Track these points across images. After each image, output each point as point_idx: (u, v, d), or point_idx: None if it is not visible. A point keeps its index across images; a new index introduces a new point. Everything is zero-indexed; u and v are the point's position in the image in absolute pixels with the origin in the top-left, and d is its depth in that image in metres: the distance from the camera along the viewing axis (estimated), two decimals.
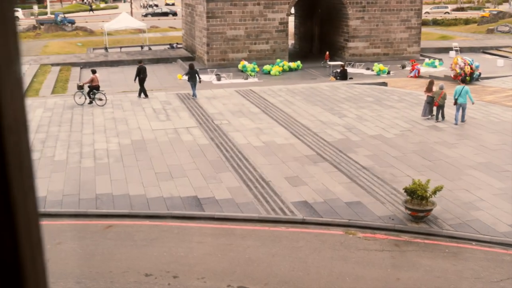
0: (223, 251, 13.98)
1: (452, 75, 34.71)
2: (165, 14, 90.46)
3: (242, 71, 40.55)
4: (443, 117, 25.57)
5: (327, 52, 43.84)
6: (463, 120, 25.21)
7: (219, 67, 41.65)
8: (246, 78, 38.15)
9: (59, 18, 70.59)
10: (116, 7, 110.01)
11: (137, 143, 22.31)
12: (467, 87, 25.62)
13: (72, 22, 70.52)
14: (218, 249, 14.06)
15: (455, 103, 25.08)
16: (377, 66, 40.88)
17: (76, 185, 17.89)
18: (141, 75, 30.17)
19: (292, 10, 49.36)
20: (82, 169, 19.30)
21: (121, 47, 53.61)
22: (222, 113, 26.86)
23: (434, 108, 25.73)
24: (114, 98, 29.94)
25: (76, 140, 22.72)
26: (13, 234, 0.66)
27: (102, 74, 38.77)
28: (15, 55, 0.65)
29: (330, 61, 42.09)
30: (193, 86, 29.99)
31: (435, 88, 25.79)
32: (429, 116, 25.86)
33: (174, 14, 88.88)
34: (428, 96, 25.88)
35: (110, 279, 12.59)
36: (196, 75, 29.99)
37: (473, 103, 25.49)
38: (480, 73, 35.37)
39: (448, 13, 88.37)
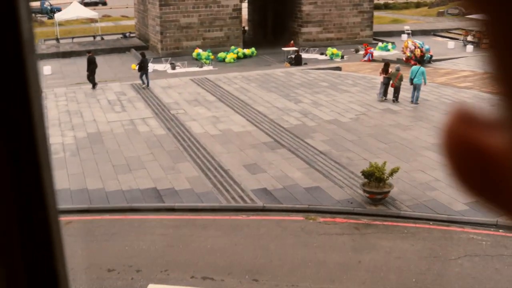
0: (185, 242, 13.99)
1: (403, 58, 35.33)
2: (95, 3, 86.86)
3: (196, 59, 40.34)
4: (397, 98, 26.01)
5: (292, 42, 43.63)
6: (416, 102, 25.81)
7: (173, 55, 41.36)
8: (201, 66, 38.01)
9: (45, 6, 68.15)
10: None
11: (93, 135, 22.07)
12: (423, 68, 26.33)
13: (59, 10, 67.10)
14: (180, 241, 14.05)
15: (411, 83, 25.71)
16: (330, 50, 41.15)
17: None
18: (91, 66, 29.77)
19: None
20: None
21: (73, 38, 52.74)
22: (178, 103, 26.74)
23: (390, 90, 26.20)
24: (67, 91, 29.52)
25: None
26: (48, 230, 0.68)
27: (55, 66, 38.22)
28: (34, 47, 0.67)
29: (283, 47, 42.12)
30: (146, 75, 29.78)
31: (391, 70, 26.27)
32: (384, 98, 26.30)
33: (104, 3, 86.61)
34: (384, 77, 26.34)
35: (72, 276, 12.47)
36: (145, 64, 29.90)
37: (425, 84, 26.05)
38: (431, 56, 35.97)
39: None
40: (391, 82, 26.07)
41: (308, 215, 15.34)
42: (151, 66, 37.55)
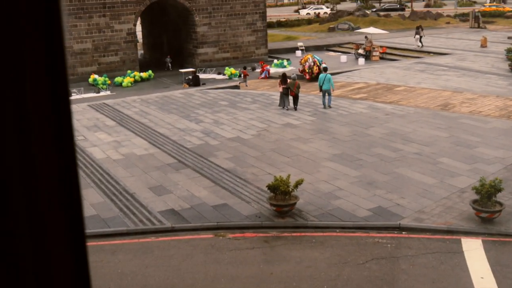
0: (95, 268, 13.68)
1: (299, 69, 36.59)
2: None
3: (93, 85, 39.68)
4: (296, 105, 27.71)
5: (245, 70, 39.05)
6: (329, 105, 27.77)
7: (69, 82, 40.43)
8: (98, 92, 37.42)
9: None
10: None
11: None
12: (329, 75, 28.32)
13: None
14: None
15: (320, 90, 27.84)
16: (228, 70, 41.51)
17: None
18: None
19: (139, 20, 48.99)
20: None
21: None
22: (77, 129, 26.19)
23: (290, 99, 27.84)
24: None
25: None
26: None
27: None
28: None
29: (181, 68, 42.13)
30: None
31: (289, 80, 27.79)
32: (286, 108, 27.74)
33: None
34: (283, 88, 27.72)
35: None
36: None
37: (333, 89, 28.19)
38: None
39: (326, 13, 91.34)
40: (289, 91, 27.47)
41: (217, 232, 15.38)
42: None
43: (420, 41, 49.40)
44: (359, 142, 22.24)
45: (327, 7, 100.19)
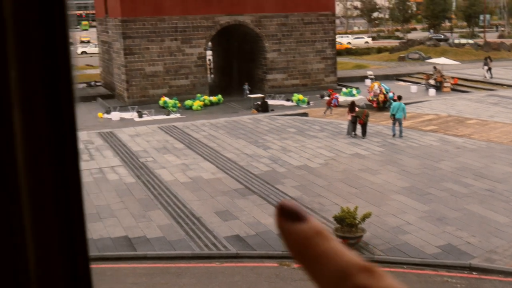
0: None
1: (367, 98, 36.43)
2: None
3: (163, 107, 40.40)
4: (365, 134, 27.76)
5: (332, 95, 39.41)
6: (401, 135, 27.69)
7: (140, 104, 41.36)
8: (168, 114, 38.04)
9: None
10: None
11: None
12: (403, 104, 28.27)
13: None
14: None
15: (393, 119, 27.87)
16: (296, 96, 41.58)
17: None
18: None
19: (210, 44, 49.72)
20: None
21: None
22: (146, 150, 26.64)
23: (359, 127, 28.03)
24: None
25: None
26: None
27: None
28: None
29: (250, 94, 42.43)
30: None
31: (357, 109, 28.32)
32: (353, 135, 27.89)
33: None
34: (352, 116, 27.97)
35: None
36: None
37: (405, 118, 28.05)
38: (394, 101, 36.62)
39: (367, 42, 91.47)
40: (358, 119, 27.67)
41: (282, 261, 15.28)
42: (118, 115, 37.54)
43: (489, 72, 48.41)
44: (429, 176, 21.81)
45: (369, 37, 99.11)
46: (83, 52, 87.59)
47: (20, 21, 0.61)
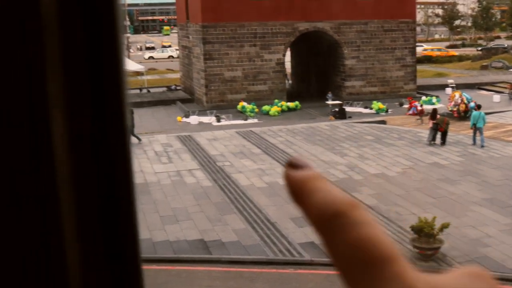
0: None
1: (448, 107, 35.60)
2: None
3: (241, 112, 40.74)
4: (445, 141, 27.76)
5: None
6: (482, 145, 27.25)
7: (218, 108, 41.83)
8: (246, 119, 38.32)
9: None
10: None
11: (140, 186, 22.25)
12: (483, 113, 28.16)
13: None
14: None
15: (474, 129, 27.65)
16: (376, 104, 41.09)
17: None
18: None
19: (288, 51, 49.80)
20: None
21: None
22: (223, 155, 26.91)
23: (438, 135, 28.00)
24: None
25: None
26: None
27: None
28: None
29: (328, 100, 42.19)
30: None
31: (438, 116, 28.36)
32: (432, 143, 27.81)
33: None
34: (433, 123, 28.02)
35: None
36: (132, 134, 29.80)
37: (484, 124, 27.93)
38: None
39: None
40: (439, 127, 27.67)
41: None
42: (196, 119, 38.10)
43: None
44: (511, 188, 21.14)
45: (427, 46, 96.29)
46: (150, 57, 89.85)
47: (65, 25, 0.60)
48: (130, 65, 55.90)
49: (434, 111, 29.12)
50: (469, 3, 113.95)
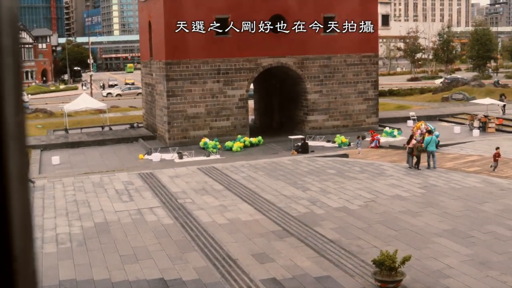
0: None
1: (414, 137, 35.88)
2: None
3: (203, 148, 40.61)
4: (417, 166, 29.56)
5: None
6: (435, 166, 29.39)
7: (181, 145, 41.65)
8: (208, 156, 38.15)
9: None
10: (75, 88, 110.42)
11: (100, 225, 21.90)
12: (434, 136, 30.51)
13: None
14: None
15: (425, 151, 29.73)
16: (339, 138, 41.27)
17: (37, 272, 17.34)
18: None
19: (252, 86, 49.98)
20: (44, 255, 18.75)
21: (81, 128, 53.44)
22: (185, 192, 26.67)
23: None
24: (75, 180, 29.57)
25: (37, 225, 22.20)
26: None
27: (63, 156, 38.55)
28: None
29: (291, 135, 42.19)
30: None
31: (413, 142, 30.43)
32: (410, 166, 29.84)
33: None
34: (408, 147, 30.26)
35: None
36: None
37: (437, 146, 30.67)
38: (439, 141, 36.03)
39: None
40: (412, 152, 29.64)
41: None
42: (158, 156, 37.83)
43: (503, 108, 50.70)
44: (472, 218, 21.28)
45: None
46: (108, 94, 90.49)
47: None
48: (92, 103, 55.55)
49: (411, 136, 31.88)
50: (430, 37, 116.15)
